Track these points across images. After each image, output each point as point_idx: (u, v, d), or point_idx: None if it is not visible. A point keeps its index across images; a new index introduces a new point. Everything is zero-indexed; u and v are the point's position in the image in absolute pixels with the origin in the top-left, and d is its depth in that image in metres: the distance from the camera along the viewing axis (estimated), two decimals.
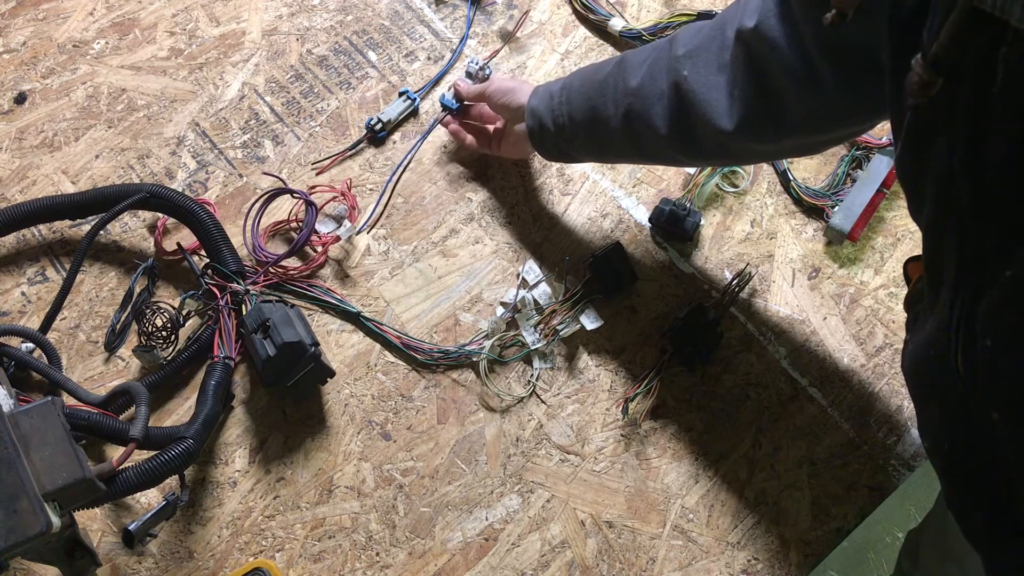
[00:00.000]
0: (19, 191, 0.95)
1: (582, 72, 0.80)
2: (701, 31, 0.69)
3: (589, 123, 0.77)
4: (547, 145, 0.84)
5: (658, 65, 0.70)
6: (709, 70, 0.67)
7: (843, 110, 0.63)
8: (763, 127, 0.66)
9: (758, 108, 0.65)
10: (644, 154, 0.79)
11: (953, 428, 0.52)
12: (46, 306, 0.84)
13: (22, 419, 0.58)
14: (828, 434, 0.87)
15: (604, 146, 0.80)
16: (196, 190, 0.95)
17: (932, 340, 0.50)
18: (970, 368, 0.45)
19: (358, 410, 0.86)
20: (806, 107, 0.63)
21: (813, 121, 0.65)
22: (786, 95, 0.63)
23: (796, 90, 0.62)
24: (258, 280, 0.88)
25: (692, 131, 0.69)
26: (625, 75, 0.73)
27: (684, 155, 0.75)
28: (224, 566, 0.80)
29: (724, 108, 0.66)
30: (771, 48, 0.61)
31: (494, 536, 0.82)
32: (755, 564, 0.82)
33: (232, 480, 0.83)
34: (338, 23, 1.05)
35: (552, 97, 0.80)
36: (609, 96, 0.74)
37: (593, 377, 0.88)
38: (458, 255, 0.93)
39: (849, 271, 0.94)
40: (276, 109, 1.00)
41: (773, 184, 0.98)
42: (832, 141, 0.72)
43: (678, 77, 0.68)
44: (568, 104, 0.79)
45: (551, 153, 0.86)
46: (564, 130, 0.80)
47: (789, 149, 0.76)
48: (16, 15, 1.05)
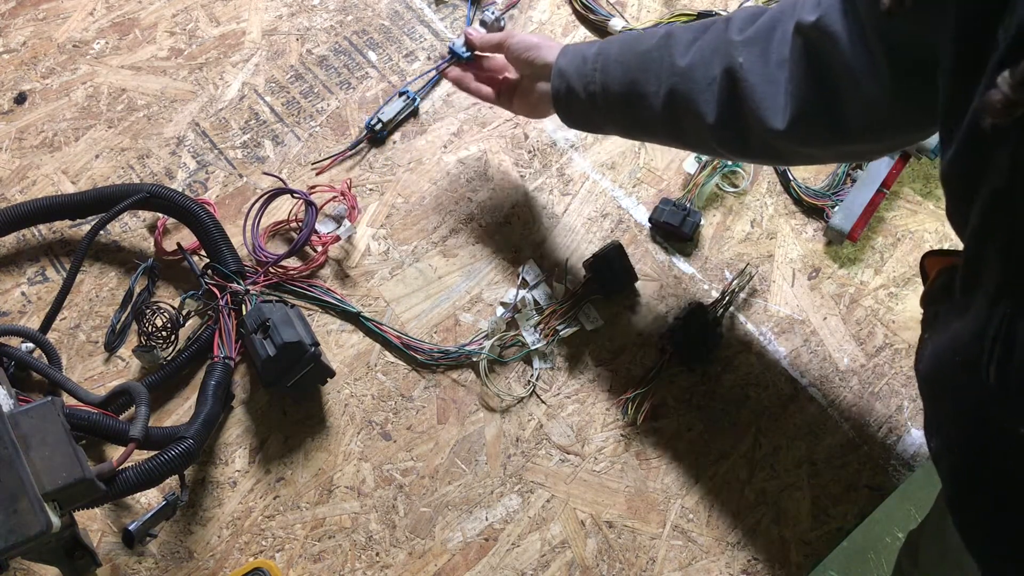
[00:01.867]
0: (19, 191, 0.95)
1: (621, 40, 0.73)
2: (757, 18, 0.64)
3: (626, 97, 0.71)
4: (573, 111, 0.78)
5: (711, 47, 0.65)
6: (767, 62, 0.62)
7: (900, 114, 0.59)
8: (816, 129, 0.63)
9: (814, 108, 0.61)
10: (682, 140, 0.74)
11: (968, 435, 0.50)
12: (46, 306, 0.84)
13: (22, 419, 0.58)
14: (828, 434, 0.87)
15: (639, 124, 0.75)
16: (196, 190, 0.95)
17: (959, 346, 0.48)
18: (1003, 380, 0.43)
19: (358, 410, 0.86)
20: (864, 109, 0.59)
21: (869, 125, 0.61)
22: (845, 95, 0.59)
23: (856, 90, 0.58)
24: (258, 280, 0.88)
25: (741, 125, 0.65)
26: (672, 52, 0.67)
27: (727, 149, 0.70)
28: (224, 566, 0.80)
29: (780, 105, 0.62)
30: (833, 44, 0.57)
31: (494, 536, 0.82)
32: (755, 564, 0.82)
33: (232, 480, 0.83)
34: (338, 23, 1.05)
35: (585, 61, 0.74)
36: (652, 72, 0.68)
37: (593, 377, 0.88)
38: (458, 255, 0.93)
39: (849, 271, 0.94)
40: (276, 109, 1.00)
41: (773, 184, 0.98)
42: (883, 150, 0.68)
43: (733, 64, 0.63)
44: (603, 73, 0.72)
45: (575, 120, 0.79)
46: (596, 99, 0.73)
47: (837, 155, 0.71)
48: (16, 15, 1.05)
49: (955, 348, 0.49)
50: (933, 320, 0.59)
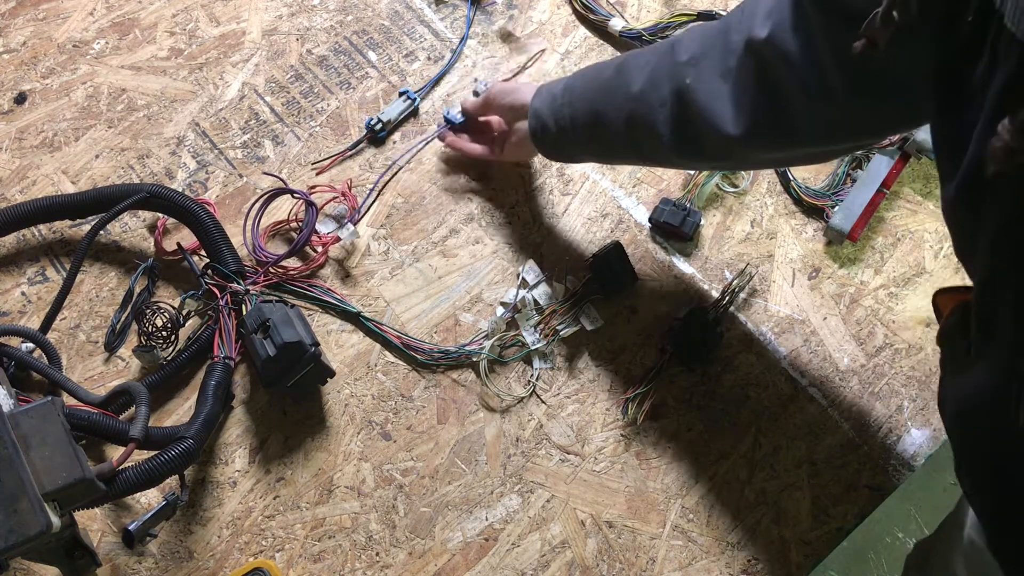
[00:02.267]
0: (19, 191, 0.95)
1: (584, 73, 0.79)
2: (704, 36, 0.67)
3: (591, 126, 0.76)
4: (549, 145, 0.84)
5: (660, 71, 0.69)
6: (712, 77, 0.65)
7: (859, 125, 0.61)
8: (773, 137, 0.65)
9: (768, 118, 0.63)
10: (647, 158, 0.78)
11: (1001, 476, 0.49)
12: (46, 306, 0.84)
13: (22, 419, 0.58)
14: (828, 434, 0.87)
15: (607, 149, 0.80)
16: (196, 190, 0.95)
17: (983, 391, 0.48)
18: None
19: (358, 410, 0.86)
20: (820, 120, 0.61)
21: (826, 134, 0.63)
22: (798, 108, 0.61)
23: (809, 104, 0.60)
24: (258, 280, 0.88)
25: (696, 139, 0.68)
26: (627, 79, 0.72)
27: (688, 160, 0.74)
28: (224, 566, 0.80)
29: (730, 116, 0.64)
30: (783, 60, 0.59)
31: (494, 536, 0.82)
32: (755, 564, 0.82)
33: (232, 480, 0.83)
34: (338, 23, 1.05)
35: (555, 98, 0.80)
36: (611, 100, 0.73)
37: (593, 377, 0.88)
38: (458, 255, 0.93)
39: (849, 271, 0.94)
40: (276, 109, 1.00)
41: (773, 184, 0.98)
42: (845, 151, 0.70)
43: (680, 84, 0.67)
44: (570, 106, 0.78)
45: (553, 153, 0.86)
46: (566, 132, 0.79)
47: (800, 158, 0.74)
48: (16, 15, 1.05)
49: (980, 394, 0.48)
50: (951, 362, 0.58)
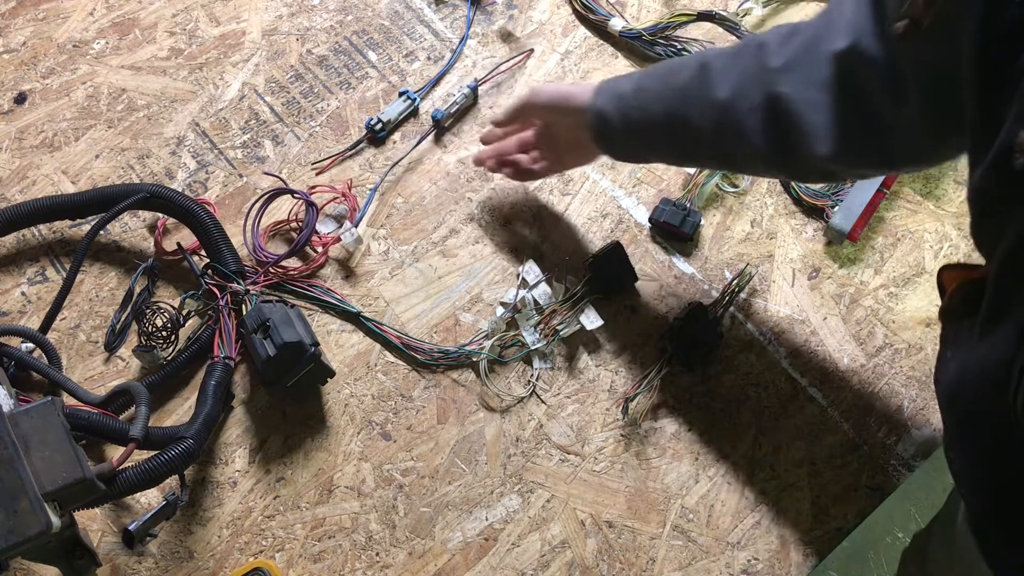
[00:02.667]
0: (19, 191, 0.95)
1: (655, 74, 0.73)
2: (791, 41, 0.63)
3: (670, 132, 0.72)
4: (617, 147, 0.78)
5: (750, 76, 0.64)
6: (809, 87, 0.61)
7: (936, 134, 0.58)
8: (863, 151, 0.62)
9: (858, 132, 0.60)
10: (736, 167, 0.75)
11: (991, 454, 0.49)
12: (46, 306, 0.84)
13: (22, 419, 0.58)
14: (828, 434, 0.87)
15: (687, 157, 0.76)
16: (196, 190, 0.95)
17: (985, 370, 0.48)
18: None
19: (358, 410, 0.86)
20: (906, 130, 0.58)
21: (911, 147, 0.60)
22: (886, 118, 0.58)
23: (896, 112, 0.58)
24: (258, 280, 0.88)
25: (792, 151, 0.64)
26: (710, 84, 0.67)
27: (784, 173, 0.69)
28: (224, 566, 0.80)
29: (825, 131, 0.61)
30: (869, 67, 0.57)
31: (494, 536, 0.82)
32: (755, 564, 0.82)
33: (232, 480, 0.83)
34: (338, 23, 1.05)
35: (623, 98, 0.74)
36: (694, 106, 0.68)
37: (593, 377, 0.88)
38: (458, 255, 0.93)
39: (849, 271, 0.94)
40: (276, 109, 1.00)
41: (773, 184, 0.98)
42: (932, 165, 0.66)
43: (774, 92, 0.62)
44: (643, 109, 0.72)
45: (622, 155, 0.81)
46: (638, 135, 0.74)
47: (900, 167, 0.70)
48: (16, 15, 1.05)
49: (983, 371, 0.48)
50: (955, 338, 0.58)
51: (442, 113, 0.97)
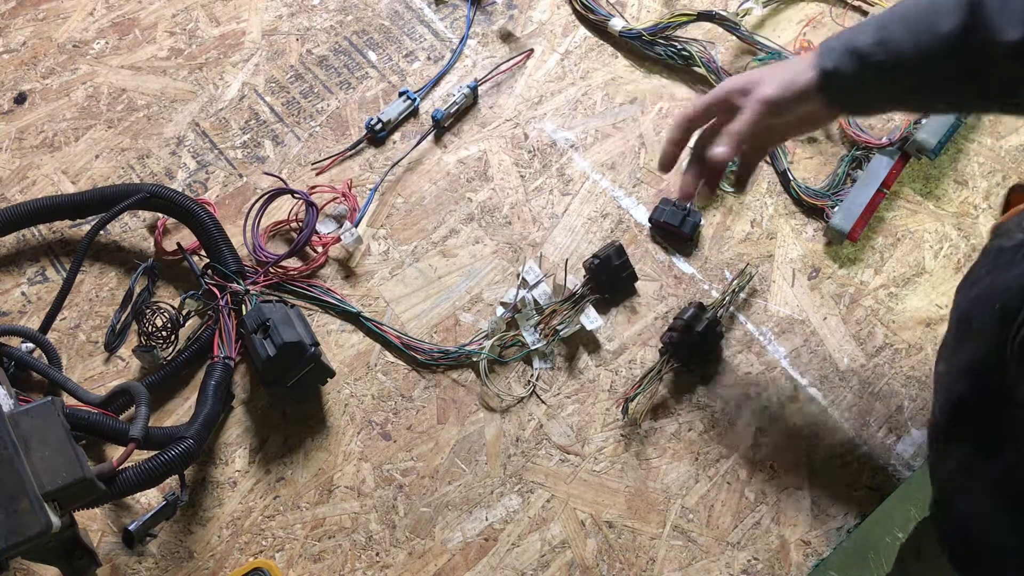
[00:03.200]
0: (19, 191, 0.95)
1: (894, 17, 0.62)
2: None
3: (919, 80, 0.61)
4: (857, 106, 0.68)
5: None
6: None
7: None
8: None
9: None
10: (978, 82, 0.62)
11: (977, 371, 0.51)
12: (46, 306, 0.84)
13: (22, 419, 0.58)
14: (828, 434, 0.87)
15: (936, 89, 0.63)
16: (196, 190, 0.95)
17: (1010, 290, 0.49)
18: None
19: (358, 410, 0.86)
20: None
21: None
22: None
23: None
24: (258, 280, 0.88)
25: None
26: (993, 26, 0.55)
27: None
28: (224, 566, 0.80)
29: None
30: None
31: (494, 536, 0.82)
32: (755, 564, 0.82)
33: (232, 480, 0.83)
34: (338, 23, 1.05)
35: (859, 51, 0.62)
36: (943, 9, 0.58)
37: (593, 377, 0.88)
38: (458, 255, 0.93)
39: (849, 271, 0.94)
40: (276, 109, 1.00)
41: (773, 184, 0.98)
42: None
43: None
44: (889, 51, 0.61)
45: (857, 108, 0.70)
46: (882, 89, 0.64)
47: None
48: (16, 15, 1.05)
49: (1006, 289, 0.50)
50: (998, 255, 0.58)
51: (442, 113, 0.97)
